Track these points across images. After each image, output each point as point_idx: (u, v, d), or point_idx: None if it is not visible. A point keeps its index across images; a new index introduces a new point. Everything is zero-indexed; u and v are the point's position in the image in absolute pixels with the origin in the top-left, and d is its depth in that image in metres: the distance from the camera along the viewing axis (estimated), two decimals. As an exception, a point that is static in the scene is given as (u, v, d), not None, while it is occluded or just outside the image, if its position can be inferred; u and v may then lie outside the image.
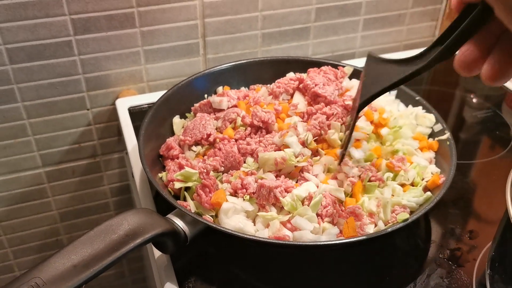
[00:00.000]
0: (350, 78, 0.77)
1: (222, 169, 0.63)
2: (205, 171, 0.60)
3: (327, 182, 0.60)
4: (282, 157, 0.59)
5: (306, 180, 0.60)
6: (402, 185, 0.63)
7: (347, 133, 0.59)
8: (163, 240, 0.52)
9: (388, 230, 0.54)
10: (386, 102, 0.74)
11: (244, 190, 0.58)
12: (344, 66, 0.78)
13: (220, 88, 0.78)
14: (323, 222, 0.56)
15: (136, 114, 0.83)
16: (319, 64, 0.78)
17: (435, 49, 0.42)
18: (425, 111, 0.72)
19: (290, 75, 0.77)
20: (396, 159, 0.64)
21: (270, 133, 0.66)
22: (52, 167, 0.93)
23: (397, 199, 0.59)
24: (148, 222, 0.49)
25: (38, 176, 0.93)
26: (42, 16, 0.77)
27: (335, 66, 0.77)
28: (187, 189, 0.61)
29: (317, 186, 0.58)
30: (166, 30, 0.85)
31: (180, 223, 0.53)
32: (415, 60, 0.45)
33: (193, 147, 0.67)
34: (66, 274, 0.43)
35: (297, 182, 0.60)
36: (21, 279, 0.42)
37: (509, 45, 0.36)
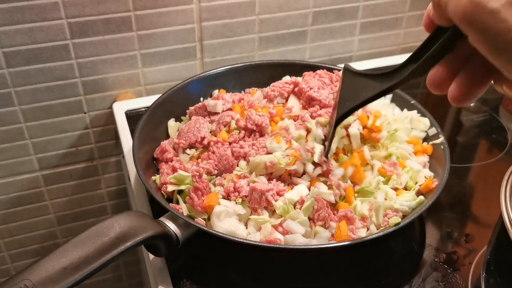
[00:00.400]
0: (346, 82, 0.76)
1: (216, 172, 0.63)
2: (198, 174, 0.60)
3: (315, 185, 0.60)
4: (271, 161, 0.59)
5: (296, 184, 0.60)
6: (395, 189, 0.63)
7: (327, 144, 0.60)
8: (155, 243, 0.52)
9: (380, 234, 0.54)
10: (381, 106, 0.74)
11: (237, 193, 0.58)
12: (340, 70, 0.78)
13: (216, 92, 0.78)
14: (315, 226, 0.56)
15: (133, 118, 0.83)
16: (315, 68, 0.78)
17: (409, 67, 0.43)
18: (420, 115, 0.72)
19: (286, 79, 0.77)
20: (388, 164, 0.64)
21: (264, 136, 0.66)
22: (49, 171, 0.94)
23: (390, 203, 0.59)
24: (139, 225, 0.49)
25: (35, 180, 0.94)
26: (39, 20, 0.77)
27: (331, 70, 0.77)
28: (180, 192, 0.61)
29: (309, 189, 0.58)
30: (163, 34, 0.85)
31: (172, 226, 0.53)
32: (390, 76, 0.46)
33: (187, 150, 0.67)
34: (56, 276, 0.43)
35: (289, 186, 0.60)
36: (11, 281, 0.42)
37: (476, 68, 0.36)
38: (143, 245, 0.53)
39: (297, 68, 0.79)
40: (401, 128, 0.69)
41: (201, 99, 0.77)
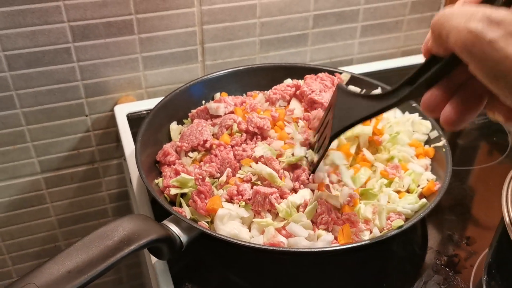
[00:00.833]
0: (347, 85, 0.77)
1: (218, 175, 0.63)
2: (201, 177, 0.60)
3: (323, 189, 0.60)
4: (269, 174, 0.59)
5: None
6: (398, 192, 0.63)
7: (316, 160, 0.60)
8: (158, 246, 0.52)
9: (383, 237, 0.54)
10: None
11: (240, 197, 0.58)
12: (341, 73, 0.78)
13: (218, 95, 0.78)
14: (318, 229, 0.56)
15: (135, 121, 0.84)
16: (316, 71, 0.78)
17: (404, 89, 0.44)
18: (422, 118, 0.72)
19: (287, 82, 0.77)
20: (390, 167, 0.64)
21: (266, 139, 0.66)
22: (51, 173, 0.94)
23: (393, 206, 0.59)
24: (143, 228, 0.49)
25: (37, 182, 0.94)
26: (41, 23, 0.77)
27: (332, 73, 0.78)
28: (183, 195, 0.61)
29: (313, 192, 0.58)
30: (165, 37, 0.86)
31: (176, 229, 0.53)
32: (384, 97, 0.47)
33: (190, 153, 0.67)
34: (60, 280, 0.43)
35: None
36: (15, 285, 0.42)
37: (469, 94, 0.38)
38: (146, 248, 0.53)
39: (299, 71, 0.80)
40: (403, 131, 0.69)
41: (203, 102, 0.77)
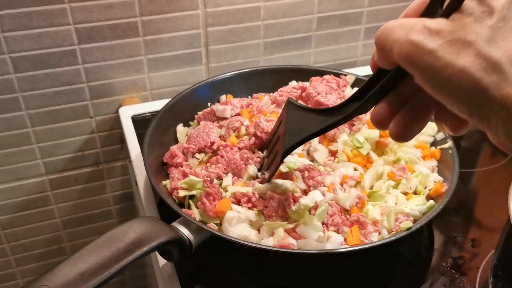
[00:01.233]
0: (352, 87, 0.77)
1: (225, 177, 0.63)
2: (209, 180, 0.60)
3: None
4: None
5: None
6: (405, 194, 0.63)
7: (267, 177, 0.60)
8: (169, 248, 0.52)
9: (392, 239, 0.54)
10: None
11: (246, 199, 0.58)
12: (346, 75, 0.78)
13: (223, 97, 0.78)
14: (328, 231, 0.56)
15: (139, 122, 0.84)
16: (322, 73, 0.79)
17: (353, 104, 0.44)
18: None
19: (293, 84, 0.77)
20: (397, 168, 0.65)
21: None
22: (55, 175, 0.94)
23: (401, 208, 0.60)
24: (154, 231, 0.50)
25: (42, 184, 0.94)
26: (47, 26, 0.77)
27: (337, 75, 0.78)
28: (192, 197, 0.61)
29: (323, 195, 0.59)
30: (169, 39, 0.86)
31: (185, 231, 0.53)
32: (335, 111, 0.48)
33: (197, 155, 0.67)
34: (73, 282, 0.43)
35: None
36: (29, 287, 0.42)
37: (415, 107, 0.39)
38: (156, 251, 0.53)
39: (304, 73, 0.80)
40: (409, 133, 0.69)
41: (209, 104, 0.77)
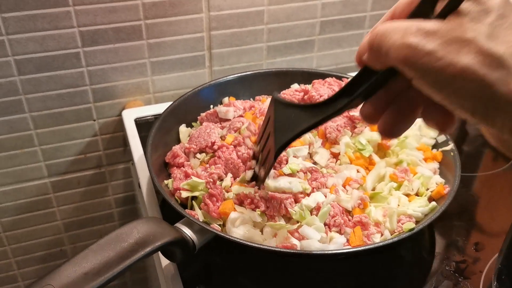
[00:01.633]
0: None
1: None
2: (212, 181, 0.61)
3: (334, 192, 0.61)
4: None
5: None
6: (407, 195, 0.63)
7: (263, 174, 0.59)
8: (172, 249, 0.52)
9: (395, 239, 0.54)
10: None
11: (253, 205, 0.59)
12: (348, 78, 0.79)
13: (226, 99, 0.79)
14: (331, 232, 0.56)
15: (142, 125, 0.84)
16: (324, 76, 0.79)
17: (341, 100, 0.43)
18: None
19: (295, 87, 0.78)
20: (399, 170, 0.65)
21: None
22: (58, 177, 0.94)
23: (403, 209, 0.60)
24: (158, 231, 0.50)
25: (44, 186, 0.94)
26: (51, 28, 0.78)
27: (340, 78, 0.78)
28: (195, 198, 0.61)
29: (325, 196, 0.59)
30: (173, 42, 0.86)
31: (189, 232, 0.53)
32: (322, 108, 0.46)
33: (198, 155, 0.68)
34: (77, 282, 0.43)
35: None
36: (33, 286, 0.42)
37: (404, 104, 0.38)
38: (160, 251, 0.53)
39: (306, 76, 0.80)
40: (411, 135, 0.70)
41: (211, 107, 0.77)
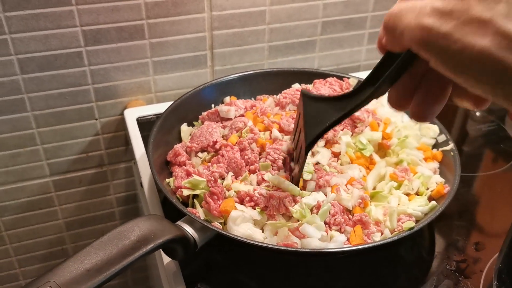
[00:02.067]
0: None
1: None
2: (213, 179, 0.61)
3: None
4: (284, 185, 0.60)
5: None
6: (407, 195, 0.63)
7: (297, 171, 0.59)
8: (173, 247, 0.52)
9: (395, 238, 0.54)
10: (391, 113, 0.75)
11: (248, 198, 0.59)
12: (349, 78, 0.79)
13: (227, 98, 0.79)
14: (331, 230, 0.56)
15: (144, 124, 0.84)
16: (325, 76, 0.79)
17: (367, 89, 0.44)
18: (429, 122, 0.73)
19: (296, 86, 0.78)
20: (400, 170, 0.65)
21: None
22: (60, 176, 0.94)
23: (403, 208, 0.60)
24: (159, 229, 0.50)
25: (46, 185, 0.94)
26: (54, 27, 0.78)
27: (341, 78, 0.79)
28: (196, 196, 0.62)
29: (326, 195, 0.59)
30: (175, 42, 0.87)
31: (190, 230, 0.54)
32: (348, 99, 0.47)
33: (199, 154, 0.68)
34: (80, 278, 0.43)
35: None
36: (36, 283, 0.42)
37: (432, 85, 0.37)
38: (161, 249, 0.53)
39: (307, 76, 0.81)
40: (411, 135, 0.70)
41: (213, 106, 0.78)
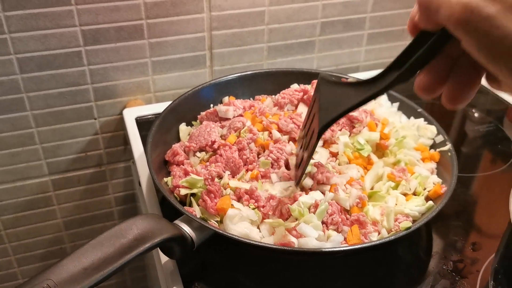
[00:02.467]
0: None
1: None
2: (210, 178, 0.61)
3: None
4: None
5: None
6: (405, 195, 0.64)
7: (306, 157, 0.57)
8: (171, 245, 0.53)
9: (392, 238, 0.54)
10: (389, 114, 0.75)
11: (247, 196, 0.59)
12: (348, 78, 0.79)
13: (226, 98, 0.79)
14: (328, 230, 0.56)
15: (143, 124, 0.84)
16: (324, 76, 0.79)
17: (392, 74, 0.40)
18: (427, 123, 0.73)
19: (295, 87, 0.78)
20: (397, 170, 0.65)
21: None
22: (58, 175, 0.94)
23: (400, 208, 0.60)
24: (156, 227, 0.50)
25: (44, 184, 0.94)
26: (53, 27, 0.78)
27: (339, 78, 0.79)
28: (193, 195, 0.62)
29: (324, 194, 0.59)
30: (174, 42, 0.87)
31: (187, 229, 0.54)
32: (371, 83, 0.44)
33: (198, 153, 0.68)
34: (77, 277, 0.44)
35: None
36: (33, 281, 0.42)
37: (466, 69, 0.35)
38: (158, 248, 0.53)
39: (305, 76, 0.81)
40: (409, 135, 0.70)
41: (211, 106, 0.78)
